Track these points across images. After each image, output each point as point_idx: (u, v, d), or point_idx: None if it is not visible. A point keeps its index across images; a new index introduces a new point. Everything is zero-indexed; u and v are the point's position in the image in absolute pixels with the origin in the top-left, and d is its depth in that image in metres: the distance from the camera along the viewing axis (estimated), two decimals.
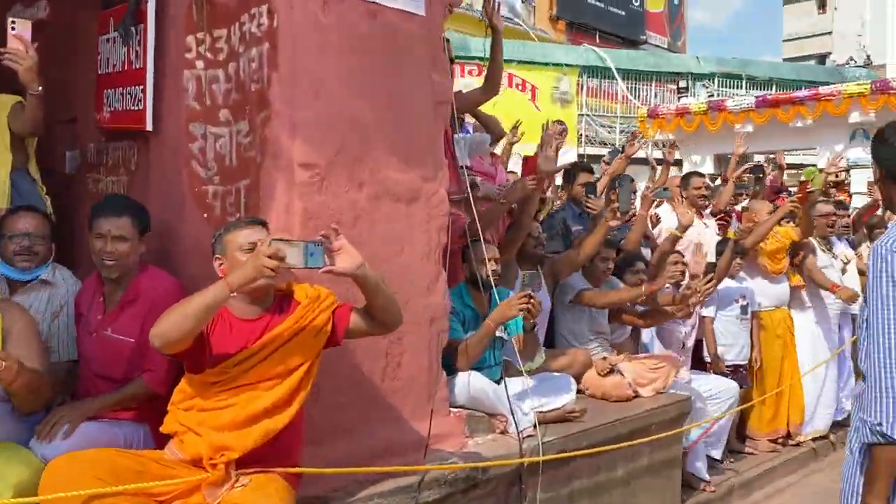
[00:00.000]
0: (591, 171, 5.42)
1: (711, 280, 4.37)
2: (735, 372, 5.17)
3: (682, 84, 17.69)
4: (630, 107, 19.81)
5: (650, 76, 19.94)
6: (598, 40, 26.16)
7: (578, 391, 4.00)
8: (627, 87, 20.10)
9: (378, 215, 3.05)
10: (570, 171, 5.29)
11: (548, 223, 4.98)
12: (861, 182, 15.64)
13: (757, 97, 15.38)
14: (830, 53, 38.94)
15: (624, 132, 19.45)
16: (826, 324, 5.70)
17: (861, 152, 15.21)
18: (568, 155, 19.58)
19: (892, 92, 13.88)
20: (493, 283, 3.66)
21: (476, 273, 3.58)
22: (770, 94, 15.42)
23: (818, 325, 5.67)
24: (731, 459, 5.24)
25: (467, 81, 19.11)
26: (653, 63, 20.29)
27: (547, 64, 19.33)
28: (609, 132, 19.96)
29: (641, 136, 6.82)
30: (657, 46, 30.04)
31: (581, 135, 19.72)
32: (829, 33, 42.10)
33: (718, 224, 5.77)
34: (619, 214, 4.22)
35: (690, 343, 5.09)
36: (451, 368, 3.43)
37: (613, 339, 4.72)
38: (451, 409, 3.39)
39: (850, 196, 15.92)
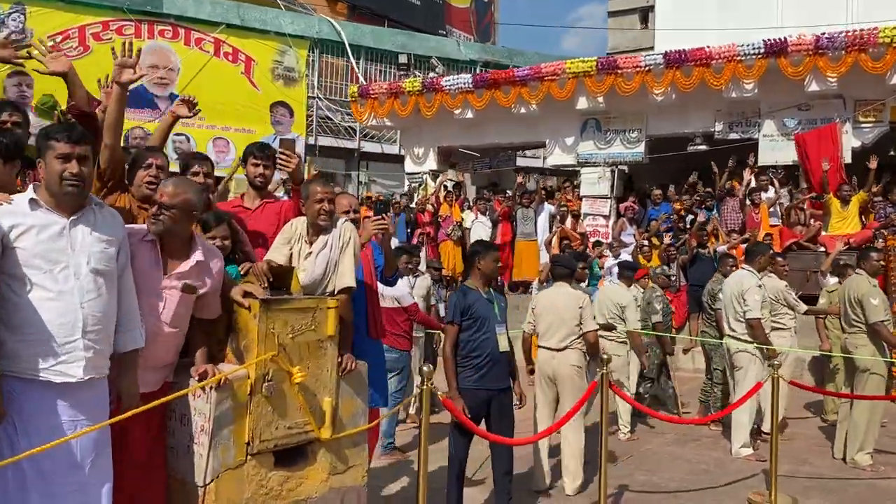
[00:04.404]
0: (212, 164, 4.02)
1: None
2: None
3: (403, 61, 14.67)
4: None
5: (399, 58, 16.95)
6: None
7: None
8: (374, 70, 17.08)
9: None
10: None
11: None
12: (591, 183, 13.23)
13: (474, 75, 12.58)
14: None
15: None
16: None
17: (592, 146, 12.74)
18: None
19: (619, 72, 11.39)
20: None
21: None
22: (489, 73, 12.64)
23: None
24: None
25: (157, 44, 15.44)
26: (401, 44, 17.35)
27: (267, 32, 15.95)
28: (348, 119, 16.77)
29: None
30: None
31: (312, 121, 16.44)
32: (651, 48, 41.47)
33: None
34: None
35: None
36: None
37: None
38: None
39: (580, 199, 13.51)
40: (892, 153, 10.54)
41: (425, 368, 3.62)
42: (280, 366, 3.13)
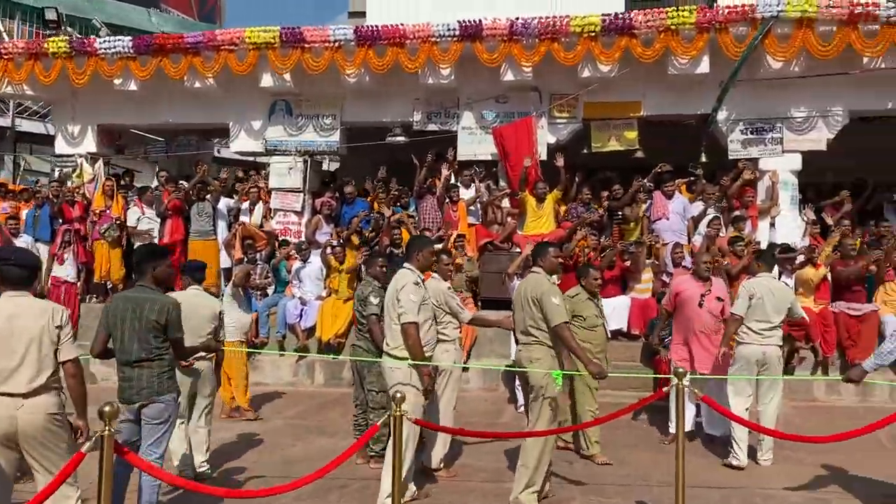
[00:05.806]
0: None
1: None
2: None
3: (51, 17, 11.95)
4: None
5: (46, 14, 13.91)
6: None
7: None
8: (19, 32, 14.00)
9: None
10: None
11: None
12: (281, 174, 11.66)
13: (135, 38, 10.36)
14: None
15: None
16: None
17: (282, 132, 11.15)
18: None
19: (306, 46, 9.88)
20: None
21: None
22: (153, 37, 10.49)
23: None
24: None
25: None
26: (73, 7, 14.43)
27: None
28: None
29: None
30: None
31: None
32: None
33: None
34: None
35: None
36: None
37: None
38: None
39: (267, 195, 11.84)
40: (585, 151, 10.16)
41: None
42: None
